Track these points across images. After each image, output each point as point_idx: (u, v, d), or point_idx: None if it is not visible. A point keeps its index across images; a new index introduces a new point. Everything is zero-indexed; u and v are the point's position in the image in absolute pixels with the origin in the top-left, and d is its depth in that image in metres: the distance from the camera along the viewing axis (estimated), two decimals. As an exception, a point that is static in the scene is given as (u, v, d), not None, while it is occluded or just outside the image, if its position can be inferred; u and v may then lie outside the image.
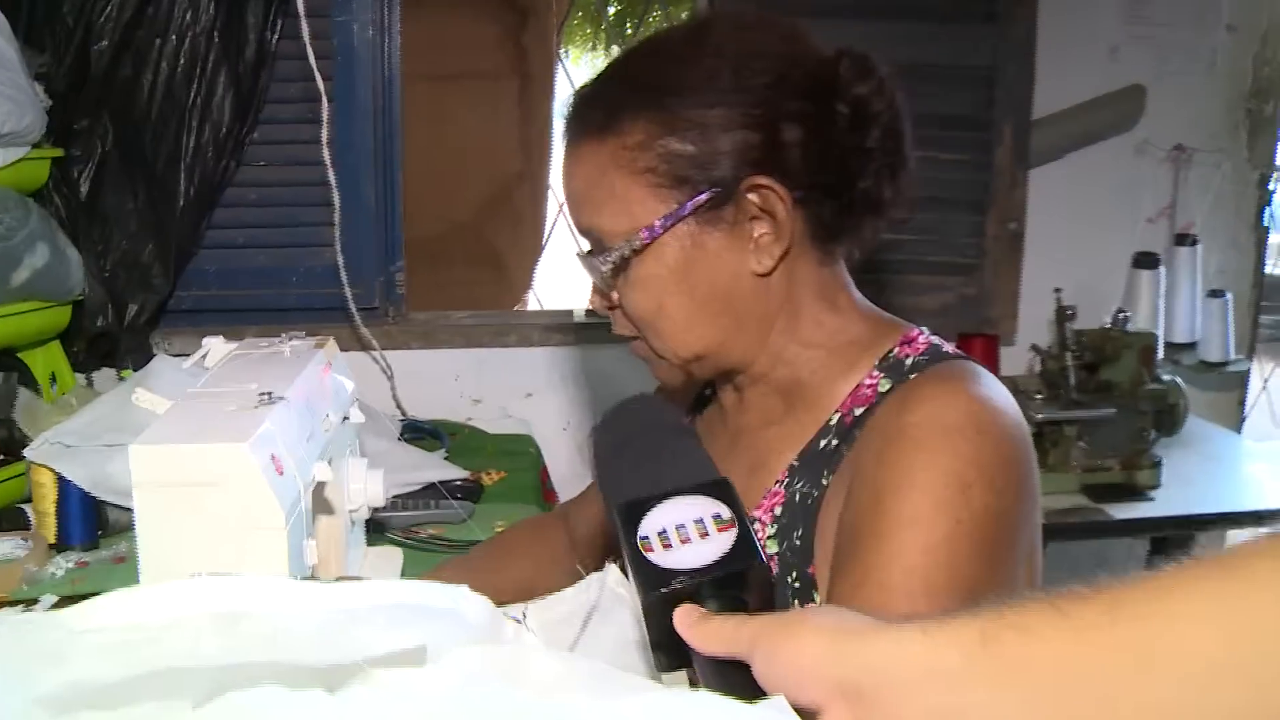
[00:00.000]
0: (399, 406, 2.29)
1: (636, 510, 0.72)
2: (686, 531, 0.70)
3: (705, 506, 0.72)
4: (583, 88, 1.00)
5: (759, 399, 1.02)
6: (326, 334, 2.18)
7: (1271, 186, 2.60)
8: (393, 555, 1.50)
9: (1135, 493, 2.00)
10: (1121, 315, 2.10)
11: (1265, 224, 2.62)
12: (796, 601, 0.92)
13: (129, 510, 1.61)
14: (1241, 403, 2.70)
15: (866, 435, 0.91)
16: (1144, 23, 2.45)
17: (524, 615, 0.83)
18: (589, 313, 2.51)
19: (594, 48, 7.07)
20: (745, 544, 0.69)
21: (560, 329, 2.41)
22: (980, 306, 2.39)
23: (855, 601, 0.81)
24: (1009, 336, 2.43)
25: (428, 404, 2.32)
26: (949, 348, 0.97)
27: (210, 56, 2.06)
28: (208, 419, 1.02)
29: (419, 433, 2.19)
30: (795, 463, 0.97)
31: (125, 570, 1.46)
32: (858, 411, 0.93)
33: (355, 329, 2.15)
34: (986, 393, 0.88)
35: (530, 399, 2.43)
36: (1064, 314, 2.07)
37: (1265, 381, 2.82)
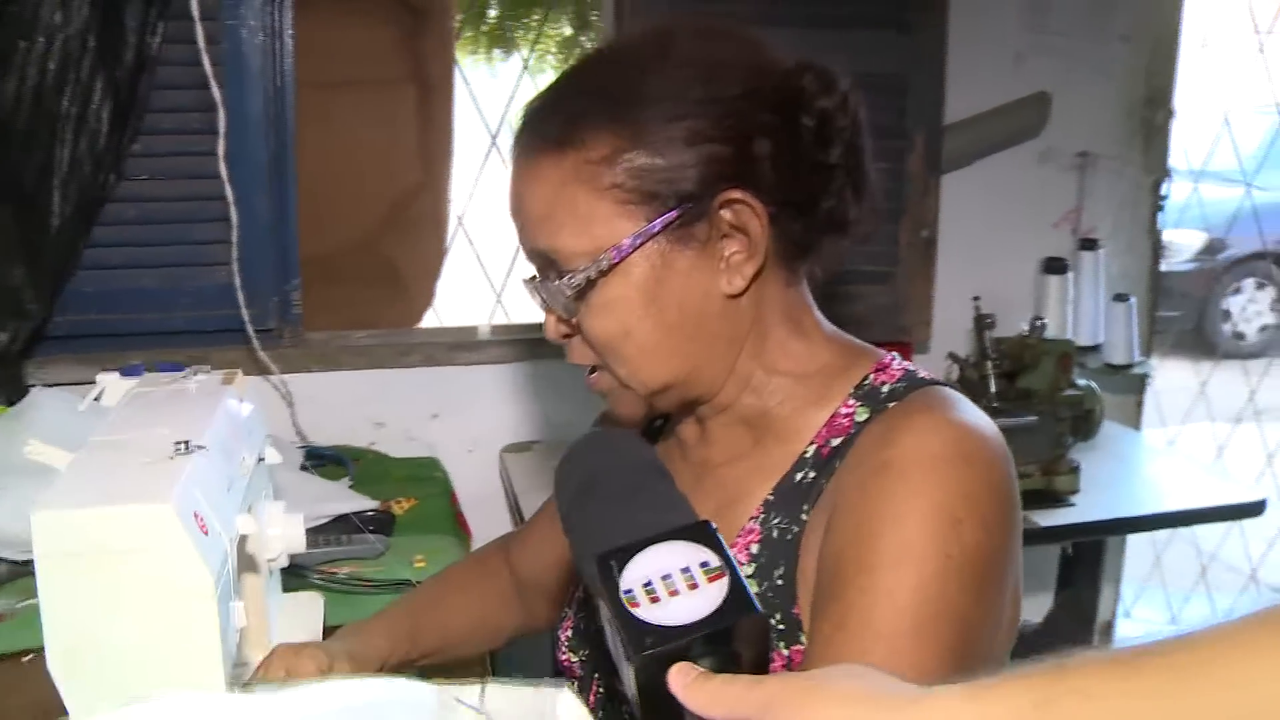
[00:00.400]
0: (299, 433, 2.16)
1: (616, 560, 0.66)
2: (674, 583, 0.65)
3: (690, 553, 0.66)
4: (536, 99, 0.92)
5: (723, 431, 0.96)
6: (219, 358, 2.09)
7: (1165, 191, 2.67)
8: (313, 602, 1.39)
9: (1056, 499, 2.01)
10: (1039, 323, 2.11)
11: (1160, 228, 2.68)
12: (781, 644, 0.86)
13: (9, 561, 1.48)
14: (1140, 403, 2.76)
15: (847, 467, 0.86)
16: (1045, 31, 2.48)
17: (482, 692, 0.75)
18: (494, 329, 2.46)
19: (475, 52, 6.95)
20: (739, 595, 0.64)
21: (465, 346, 2.33)
22: (894, 314, 2.38)
23: (838, 640, 0.77)
24: (923, 344, 2.43)
25: (328, 429, 2.21)
26: (924, 373, 0.93)
27: (85, 61, 1.90)
28: (118, 474, 0.90)
29: (320, 460, 2.08)
30: (770, 497, 0.91)
31: (6, 630, 1.33)
32: (835, 442, 0.89)
33: (253, 353, 2.02)
34: (970, 420, 0.84)
35: (436, 420, 2.33)
36: (983, 322, 2.07)
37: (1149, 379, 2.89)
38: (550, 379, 2.36)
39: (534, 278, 0.94)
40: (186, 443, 0.96)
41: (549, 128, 0.88)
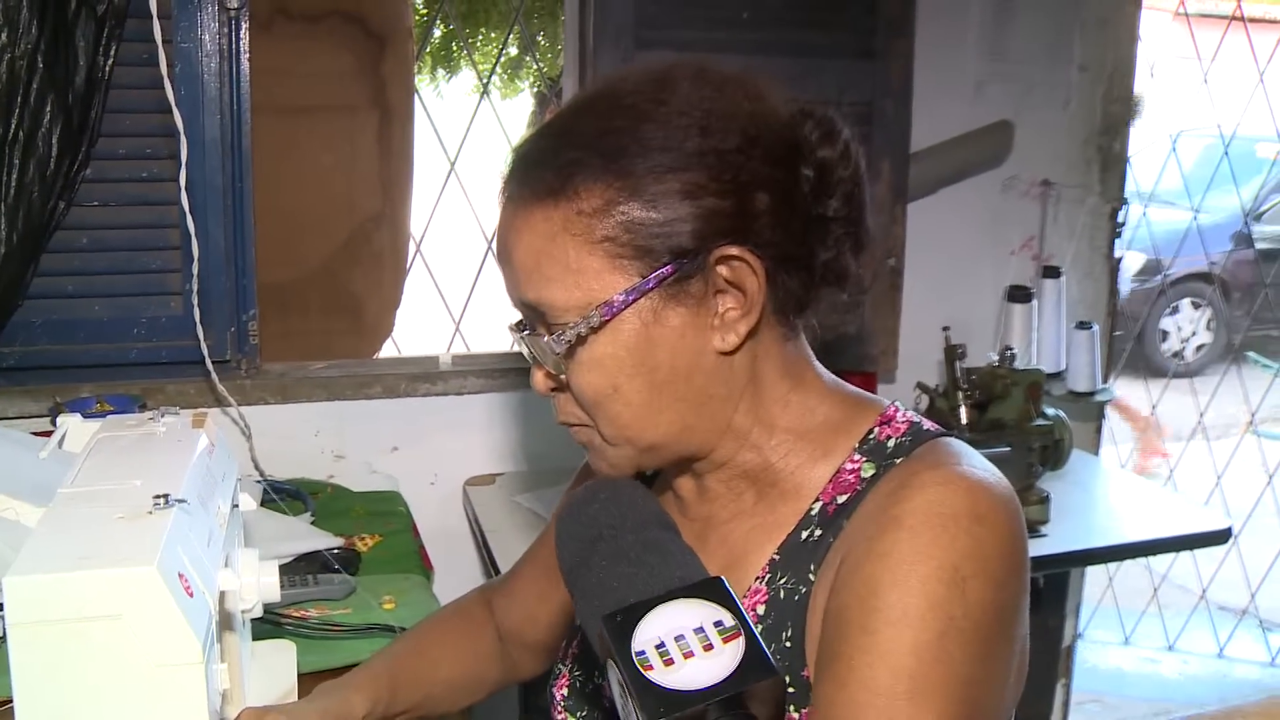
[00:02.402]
0: (257, 467, 2.10)
1: (626, 619, 0.65)
2: (688, 644, 0.63)
3: (703, 612, 0.65)
4: (525, 144, 0.89)
5: (723, 487, 0.93)
6: (174, 390, 2.02)
7: (1122, 219, 2.70)
8: (285, 650, 1.34)
9: (1029, 531, 2.00)
10: (1009, 352, 2.11)
11: (1117, 255, 2.71)
12: (792, 708, 0.83)
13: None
14: (1099, 429, 2.78)
15: (855, 524, 0.84)
16: (1004, 60, 2.50)
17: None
18: (457, 358, 2.41)
19: (419, 72, 6.89)
20: (756, 655, 0.63)
21: (426, 377, 2.28)
22: (861, 343, 2.36)
23: (839, 700, 0.75)
24: (889, 373, 2.42)
25: (286, 463, 2.14)
26: (928, 425, 0.91)
27: (34, 83, 1.83)
28: (94, 533, 0.85)
29: (279, 495, 2.02)
30: (776, 556, 0.88)
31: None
32: (841, 499, 0.86)
33: (211, 384, 1.95)
34: (980, 475, 0.82)
35: (396, 452, 2.28)
36: (954, 353, 2.07)
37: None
38: (514, 410, 2.32)
39: (521, 326, 0.91)
40: (166, 496, 0.91)
41: (541, 175, 0.84)
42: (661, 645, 0.63)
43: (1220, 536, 2.09)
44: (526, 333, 0.89)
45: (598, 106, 0.88)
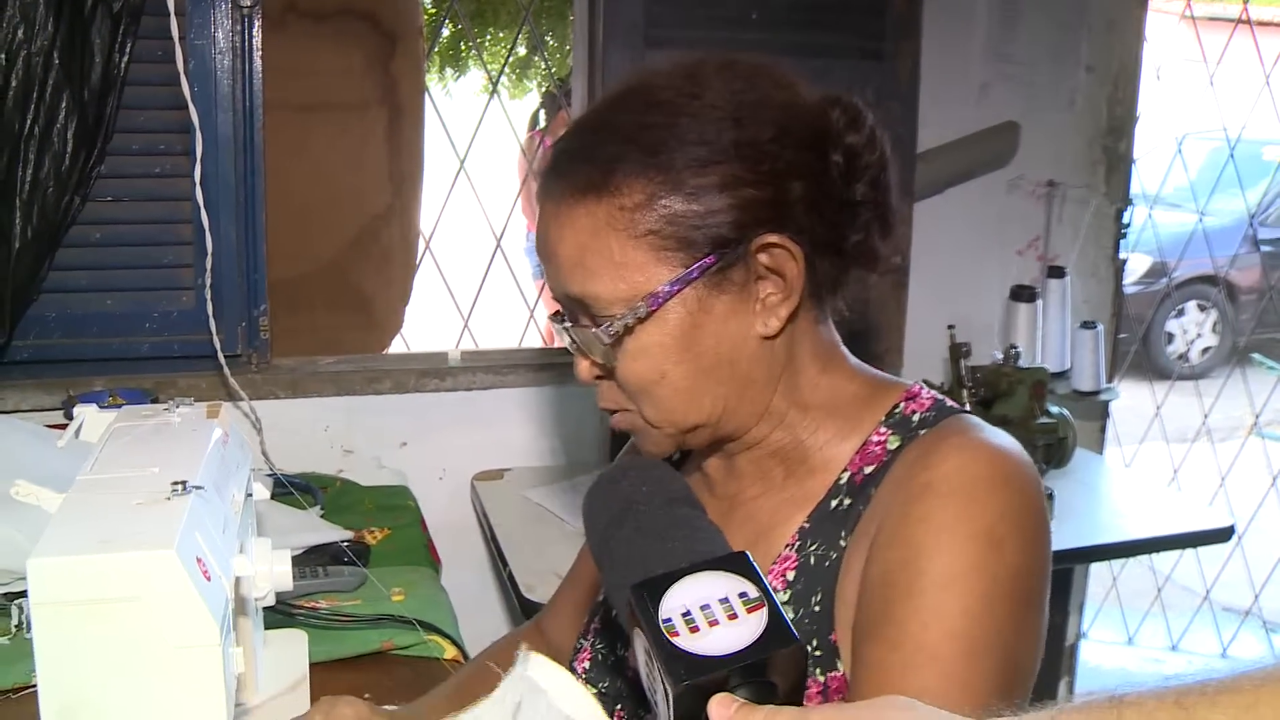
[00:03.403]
0: (267, 461, 2.12)
1: (653, 589, 0.67)
2: (713, 613, 0.65)
3: (728, 584, 0.67)
4: (566, 142, 0.92)
5: (752, 466, 0.96)
6: (185, 384, 2.04)
7: (1127, 219, 2.71)
8: (297, 639, 1.36)
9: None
10: (1014, 350, 2.12)
11: (1122, 255, 2.72)
12: (818, 671, 0.86)
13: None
14: (1103, 428, 2.79)
15: (885, 492, 0.87)
16: (1010, 62, 2.52)
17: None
18: (465, 354, 2.42)
19: (428, 71, 6.91)
20: (779, 625, 0.65)
21: (435, 373, 2.29)
22: (867, 341, 2.38)
23: (891, 662, 0.78)
24: (894, 371, 2.43)
25: (296, 457, 2.16)
26: (951, 402, 0.94)
27: (50, 79, 1.85)
28: (114, 518, 0.87)
29: (289, 488, 2.04)
30: (806, 525, 0.91)
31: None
32: (869, 470, 0.89)
33: (223, 378, 1.97)
34: (1003, 443, 0.86)
35: (405, 447, 2.29)
36: (959, 350, 2.08)
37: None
38: (522, 406, 2.33)
39: (562, 317, 0.93)
40: (184, 483, 0.93)
41: (583, 173, 0.87)
42: (688, 613, 0.64)
43: (1223, 535, 2.10)
44: (569, 324, 0.91)
45: (632, 102, 0.90)
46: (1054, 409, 2.18)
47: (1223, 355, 6.71)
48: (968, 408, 0.94)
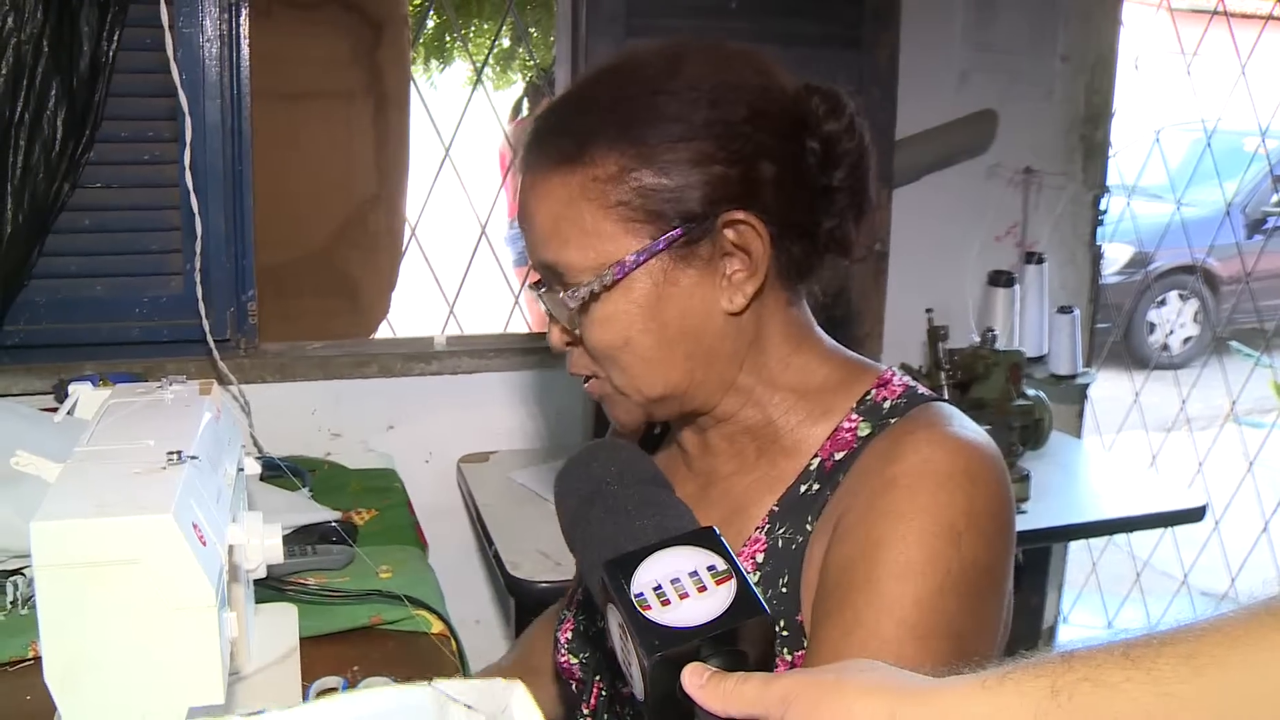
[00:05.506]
0: (255, 443, 2.14)
1: (624, 565, 0.69)
2: (683, 586, 0.67)
3: (696, 558, 0.69)
4: (544, 115, 0.94)
5: (725, 442, 0.99)
6: (175, 368, 2.06)
7: (1103, 206, 2.75)
8: (287, 612, 1.39)
9: (1009, 506, 2.05)
10: (990, 334, 2.16)
11: (1099, 242, 2.76)
12: (785, 650, 0.89)
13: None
14: (1081, 413, 2.84)
15: (852, 480, 0.89)
16: (989, 50, 2.55)
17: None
18: (451, 339, 2.45)
19: (413, 62, 6.88)
20: (747, 597, 0.67)
21: (421, 358, 2.32)
22: (848, 325, 2.41)
23: (844, 647, 0.80)
24: (874, 356, 2.46)
25: (284, 440, 2.18)
26: (923, 389, 0.96)
27: (39, 67, 1.87)
28: (112, 486, 0.89)
29: (277, 471, 2.06)
30: (776, 508, 0.93)
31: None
32: (839, 456, 0.91)
33: (212, 362, 2.00)
34: (971, 436, 0.88)
35: (392, 431, 2.32)
36: (937, 334, 2.11)
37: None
38: (507, 389, 2.36)
39: (539, 285, 0.96)
40: (179, 453, 0.95)
41: (559, 144, 0.90)
42: (658, 587, 0.66)
43: (1196, 514, 2.14)
44: (544, 290, 0.94)
45: (612, 79, 0.93)
46: (1031, 391, 2.21)
47: (1204, 344, 6.77)
48: (942, 395, 0.96)
